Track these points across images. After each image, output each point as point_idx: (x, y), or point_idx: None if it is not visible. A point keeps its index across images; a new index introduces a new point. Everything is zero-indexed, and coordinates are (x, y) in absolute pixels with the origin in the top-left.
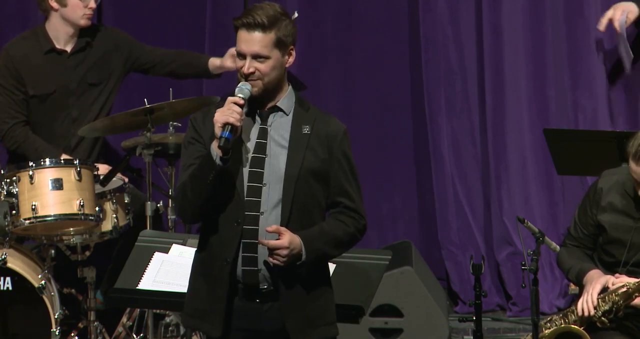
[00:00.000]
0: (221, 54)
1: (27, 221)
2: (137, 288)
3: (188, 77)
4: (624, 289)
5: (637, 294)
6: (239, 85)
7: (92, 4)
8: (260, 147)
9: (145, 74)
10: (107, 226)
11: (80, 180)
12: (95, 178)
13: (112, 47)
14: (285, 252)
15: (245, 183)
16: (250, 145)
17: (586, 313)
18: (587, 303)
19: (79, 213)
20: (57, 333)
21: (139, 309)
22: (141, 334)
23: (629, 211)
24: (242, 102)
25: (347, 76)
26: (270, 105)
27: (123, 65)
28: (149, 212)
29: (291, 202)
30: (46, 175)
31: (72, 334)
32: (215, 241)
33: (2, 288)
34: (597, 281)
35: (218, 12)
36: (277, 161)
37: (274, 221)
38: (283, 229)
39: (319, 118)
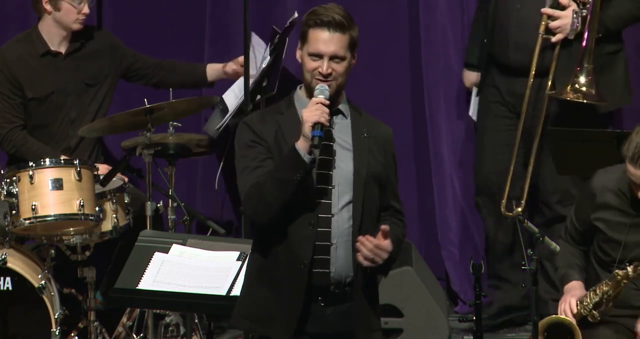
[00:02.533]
0: (222, 54)
1: (27, 221)
2: (137, 288)
3: (179, 86)
4: (613, 278)
5: (625, 282)
6: (317, 87)
7: (86, 10)
8: (327, 150)
9: (133, 82)
10: (107, 226)
11: (80, 180)
12: (95, 178)
13: (107, 49)
14: (385, 255)
15: (315, 185)
16: None
17: (568, 315)
18: (566, 311)
19: (79, 213)
20: (57, 333)
21: (139, 309)
22: (141, 334)
23: (624, 209)
24: (327, 102)
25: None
26: (334, 107)
27: (116, 68)
28: (149, 212)
29: (361, 205)
30: (46, 175)
31: (72, 334)
32: (284, 244)
33: (2, 288)
34: (573, 294)
35: (218, 12)
36: (343, 163)
37: (346, 223)
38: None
39: (372, 122)
